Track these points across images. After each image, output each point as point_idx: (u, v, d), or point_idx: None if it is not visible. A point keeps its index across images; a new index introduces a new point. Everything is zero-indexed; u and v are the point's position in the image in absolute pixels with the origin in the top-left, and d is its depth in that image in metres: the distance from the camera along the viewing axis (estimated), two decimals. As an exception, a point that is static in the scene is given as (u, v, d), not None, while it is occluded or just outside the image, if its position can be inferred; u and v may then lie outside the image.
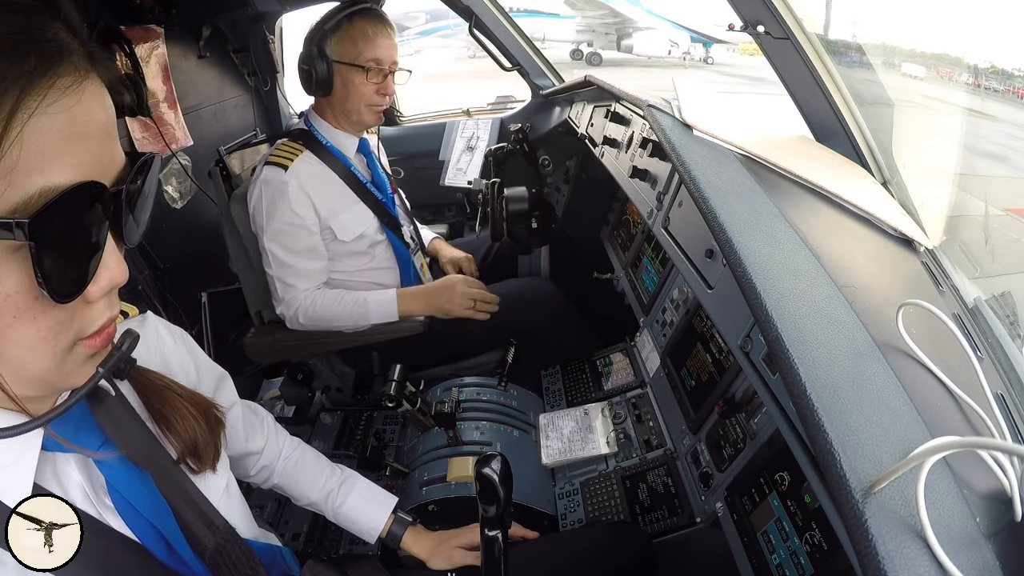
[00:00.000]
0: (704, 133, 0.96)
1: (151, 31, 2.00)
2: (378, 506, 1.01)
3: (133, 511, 0.56)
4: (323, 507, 1.00)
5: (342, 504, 0.99)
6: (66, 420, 0.52)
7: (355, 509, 0.99)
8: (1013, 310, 0.89)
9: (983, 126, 1.26)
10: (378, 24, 1.48)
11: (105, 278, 0.44)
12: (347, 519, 1.00)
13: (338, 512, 0.99)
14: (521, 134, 2.29)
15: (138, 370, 0.62)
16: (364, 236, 1.60)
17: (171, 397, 0.63)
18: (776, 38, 1.11)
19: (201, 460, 0.63)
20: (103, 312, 0.46)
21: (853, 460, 0.45)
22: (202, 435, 0.63)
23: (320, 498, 0.99)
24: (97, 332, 0.46)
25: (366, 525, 1.00)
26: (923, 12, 1.45)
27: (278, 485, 0.99)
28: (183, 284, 2.08)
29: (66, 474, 0.53)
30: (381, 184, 1.65)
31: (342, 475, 1.02)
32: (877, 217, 0.94)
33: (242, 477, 0.96)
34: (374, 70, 1.48)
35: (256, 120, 2.71)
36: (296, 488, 0.99)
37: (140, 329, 0.68)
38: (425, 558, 0.99)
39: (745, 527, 0.90)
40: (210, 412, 0.66)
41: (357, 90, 1.49)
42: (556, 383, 1.64)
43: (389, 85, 1.52)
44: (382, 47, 1.48)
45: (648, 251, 1.62)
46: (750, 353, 0.84)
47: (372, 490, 1.02)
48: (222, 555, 0.62)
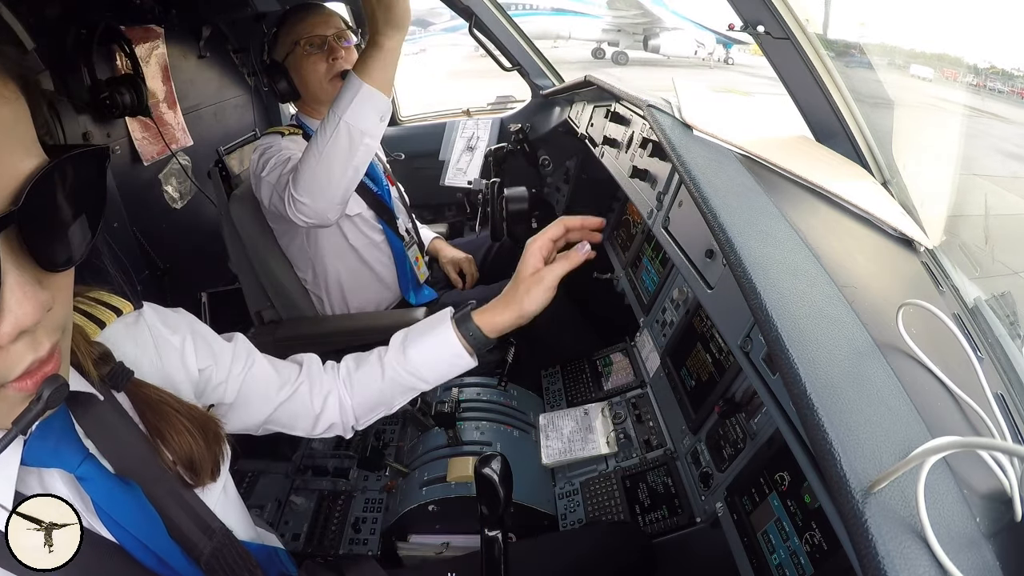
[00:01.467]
0: (704, 133, 0.96)
1: (151, 31, 2.00)
2: (436, 337, 0.87)
3: (120, 528, 0.54)
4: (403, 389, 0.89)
5: (414, 366, 0.87)
6: (46, 435, 0.50)
7: (424, 358, 0.87)
8: (1013, 310, 0.89)
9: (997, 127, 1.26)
10: (307, 8, 1.53)
11: (7, 323, 0.37)
12: (435, 374, 0.88)
13: (421, 377, 0.88)
14: (521, 134, 2.30)
15: (135, 382, 0.60)
16: (361, 217, 1.61)
17: (167, 412, 0.61)
18: (776, 38, 1.11)
19: (198, 475, 0.61)
20: (24, 355, 0.40)
21: (853, 460, 0.45)
22: (198, 451, 0.61)
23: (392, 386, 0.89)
24: (26, 374, 0.41)
25: (449, 362, 0.87)
26: (923, 12, 1.45)
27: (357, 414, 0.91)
28: (183, 284, 2.08)
29: (53, 488, 0.52)
30: (375, 176, 1.66)
31: (382, 352, 0.90)
32: (877, 217, 0.94)
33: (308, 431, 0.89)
34: (315, 43, 1.51)
35: (256, 120, 2.71)
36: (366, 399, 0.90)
37: (133, 328, 0.67)
38: (516, 317, 0.85)
39: (745, 527, 0.90)
40: (208, 426, 0.64)
41: (310, 71, 1.53)
42: (556, 383, 1.64)
43: (336, 49, 1.53)
44: (314, 23, 1.52)
45: (648, 251, 1.62)
46: (750, 353, 0.84)
47: (417, 333, 0.89)
48: (218, 559, 0.61)
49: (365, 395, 0.90)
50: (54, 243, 0.40)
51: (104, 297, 0.66)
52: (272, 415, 0.85)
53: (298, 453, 1.54)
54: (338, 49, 1.53)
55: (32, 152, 0.39)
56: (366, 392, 0.90)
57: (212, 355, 0.76)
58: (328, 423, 0.90)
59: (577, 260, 0.85)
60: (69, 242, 0.42)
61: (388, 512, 1.35)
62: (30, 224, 0.38)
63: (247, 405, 0.82)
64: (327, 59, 1.52)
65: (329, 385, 0.90)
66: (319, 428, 0.90)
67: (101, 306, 0.64)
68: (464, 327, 0.86)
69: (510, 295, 0.86)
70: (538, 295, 0.84)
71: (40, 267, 0.39)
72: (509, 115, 2.72)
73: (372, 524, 1.35)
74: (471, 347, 0.86)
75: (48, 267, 0.40)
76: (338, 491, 1.44)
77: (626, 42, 18.76)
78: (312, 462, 1.51)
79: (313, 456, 1.54)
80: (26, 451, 0.49)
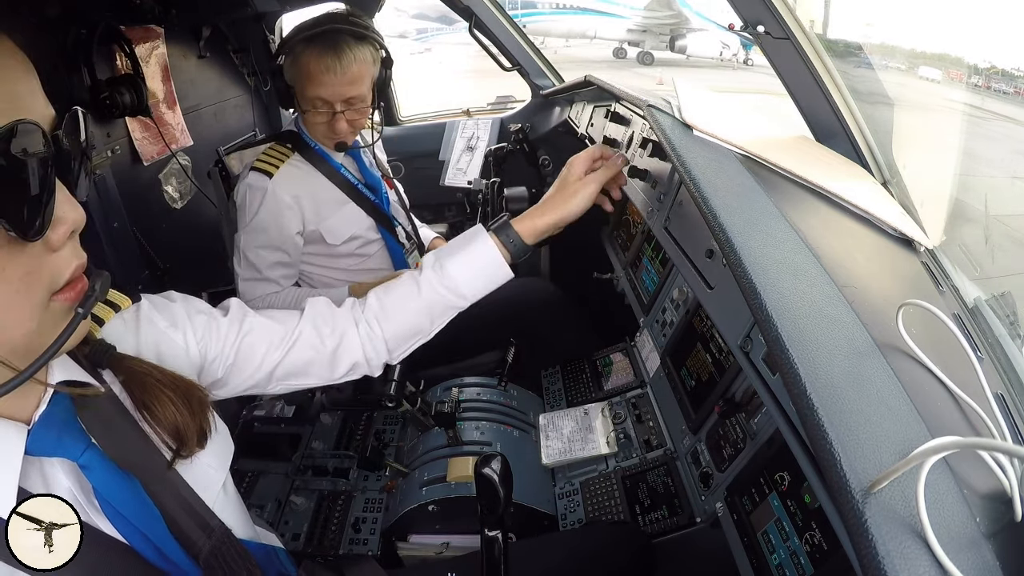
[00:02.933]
0: (704, 133, 0.96)
1: (151, 31, 1.99)
2: (475, 249, 0.86)
3: (121, 517, 0.55)
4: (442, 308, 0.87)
5: (452, 282, 0.85)
6: (49, 425, 0.51)
7: (463, 272, 0.85)
8: (1013, 310, 0.89)
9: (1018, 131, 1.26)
10: (324, 59, 1.34)
11: (64, 221, 0.45)
12: (474, 288, 0.87)
13: (459, 293, 0.86)
14: (521, 134, 2.30)
15: (116, 356, 0.61)
16: (356, 237, 1.59)
17: (150, 384, 0.61)
18: (776, 38, 1.11)
19: (184, 444, 0.61)
20: (70, 259, 0.47)
21: (853, 460, 0.45)
22: (183, 420, 0.61)
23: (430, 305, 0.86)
24: (69, 284, 0.47)
25: (489, 274, 0.86)
26: (923, 13, 1.45)
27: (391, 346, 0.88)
28: (183, 284, 2.05)
29: (55, 479, 0.52)
30: (374, 184, 1.64)
31: (415, 273, 0.88)
32: (877, 217, 0.94)
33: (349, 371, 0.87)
34: (322, 109, 1.40)
35: (256, 120, 2.71)
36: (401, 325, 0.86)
37: (133, 324, 0.68)
38: (558, 219, 0.87)
39: (745, 527, 0.90)
40: (192, 393, 0.64)
41: (310, 121, 1.46)
42: (556, 383, 1.64)
43: (338, 123, 1.41)
44: (326, 85, 1.36)
45: (648, 251, 1.62)
46: (750, 353, 0.84)
47: (451, 250, 0.87)
48: (217, 557, 0.61)
49: (400, 320, 0.87)
50: (78, 176, 0.49)
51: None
52: (277, 368, 0.82)
53: (298, 453, 1.54)
54: (340, 122, 1.42)
55: (49, 104, 0.47)
56: (401, 317, 0.87)
57: (210, 329, 0.76)
58: (349, 364, 0.87)
59: (615, 167, 0.92)
60: (82, 180, 0.50)
61: (388, 512, 1.35)
62: (63, 157, 0.46)
63: (249, 362, 0.80)
64: (329, 126, 1.43)
65: (345, 324, 0.86)
66: (339, 371, 0.87)
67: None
68: (504, 235, 0.87)
69: (554, 200, 0.89)
70: (583, 198, 0.88)
71: (72, 193, 0.47)
72: (509, 115, 2.73)
73: (372, 524, 1.35)
74: (511, 255, 0.87)
75: (78, 195, 0.48)
76: (338, 491, 1.44)
77: (651, 43, 18.85)
78: (312, 462, 1.51)
79: (313, 456, 1.54)
80: (30, 440, 0.49)
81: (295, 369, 0.84)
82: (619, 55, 19.49)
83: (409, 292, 0.86)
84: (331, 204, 1.54)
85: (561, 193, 0.89)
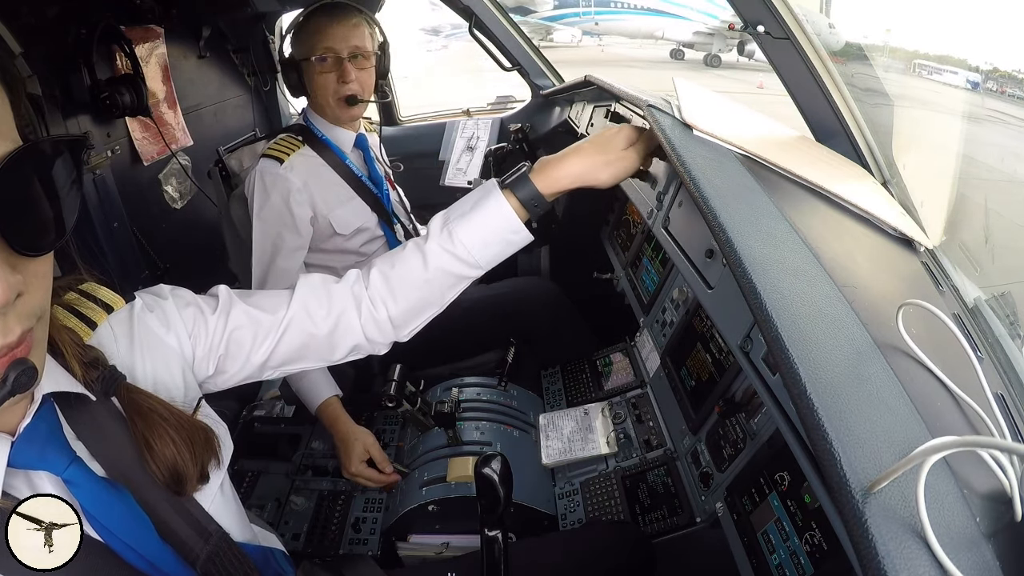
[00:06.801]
0: (704, 133, 0.95)
1: (151, 31, 2.00)
2: (487, 210, 0.78)
3: (109, 532, 0.53)
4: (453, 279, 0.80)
5: (463, 249, 0.77)
6: (32, 440, 0.50)
7: (474, 237, 0.77)
8: (1013, 310, 0.89)
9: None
10: (332, 15, 1.44)
11: None
12: (488, 255, 0.79)
13: (471, 262, 0.78)
14: (521, 134, 2.29)
15: (126, 387, 0.59)
16: (363, 229, 1.60)
17: (155, 421, 0.59)
18: (776, 38, 1.11)
19: (182, 485, 0.59)
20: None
21: (853, 460, 0.45)
22: (182, 462, 0.59)
23: (438, 277, 0.79)
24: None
25: (504, 238, 0.78)
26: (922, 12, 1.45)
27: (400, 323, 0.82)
28: (183, 284, 2.05)
29: (42, 490, 0.51)
30: (377, 180, 1.65)
31: (420, 242, 0.81)
32: (877, 217, 0.94)
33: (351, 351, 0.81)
34: (330, 59, 1.44)
35: (256, 120, 2.71)
36: (410, 301, 0.80)
37: (127, 326, 0.66)
38: (591, 177, 0.81)
39: (745, 527, 0.90)
40: (196, 435, 0.61)
41: (320, 84, 1.48)
42: (556, 383, 1.64)
43: (348, 71, 1.45)
44: (334, 35, 1.43)
45: (648, 251, 1.62)
46: (750, 353, 0.84)
47: (461, 210, 0.80)
48: (215, 563, 0.60)
49: (406, 297, 0.79)
50: (26, 226, 0.40)
51: (94, 290, 0.65)
52: (269, 360, 0.78)
53: (298, 453, 1.54)
54: (349, 72, 1.45)
55: (8, 137, 0.40)
56: (407, 293, 0.79)
57: (198, 324, 0.74)
58: (350, 346, 0.81)
59: (654, 140, 0.86)
60: (43, 228, 0.42)
61: (388, 512, 1.35)
62: (2, 205, 0.38)
63: (237, 358, 0.77)
64: (338, 79, 1.45)
65: (343, 303, 0.80)
66: (339, 353, 0.81)
67: (91, 302, 0.63)
68: (521, 190, 0.78)
69: (587, 152, 0.81)
70: (623, 171, 0.84)
71: (12, 250, 0.40)
72: (509, 115, 2.72)
73: (372, 524, 1.35)
74: (529, 214, 0.79)
75: (19, 250, 0.40)
76: (338, 491, 1.44)
77: (718, 45, 18.94)
78: (312, 462, 1.51)
79: (313, 456, 1.54)
80: (13, 453, 0.48)
81: (289, 356, 0.79)
82: (676, 56, 19.59)
83: (414, 264, 0.79)
84: (339, 195, 1.55)
85: (602, 153, 0.81)
